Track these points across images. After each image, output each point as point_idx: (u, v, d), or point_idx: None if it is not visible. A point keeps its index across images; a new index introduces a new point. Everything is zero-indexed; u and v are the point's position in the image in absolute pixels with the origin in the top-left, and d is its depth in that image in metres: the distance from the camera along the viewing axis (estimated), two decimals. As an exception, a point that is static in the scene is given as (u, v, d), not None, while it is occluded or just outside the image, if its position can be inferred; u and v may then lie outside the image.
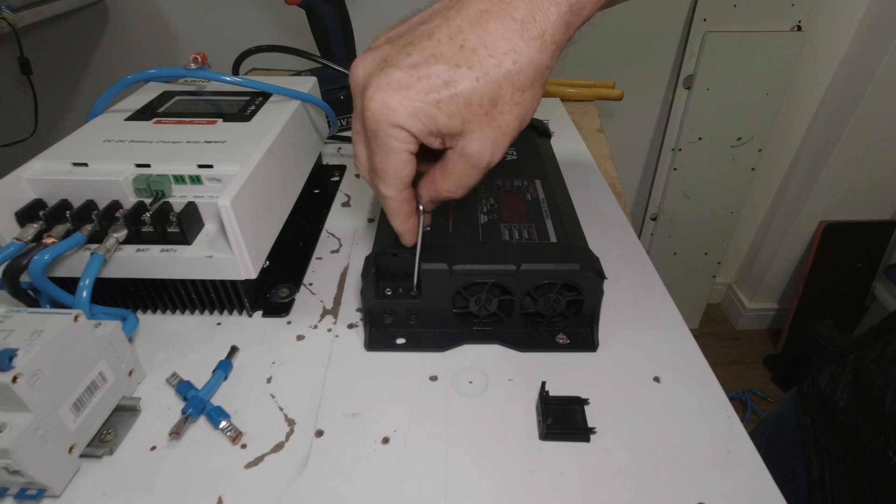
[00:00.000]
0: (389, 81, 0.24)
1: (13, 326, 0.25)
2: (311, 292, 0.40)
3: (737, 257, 1.60)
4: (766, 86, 1.17)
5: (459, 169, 0.27)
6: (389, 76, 0.24)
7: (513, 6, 0.24)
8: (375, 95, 0.24)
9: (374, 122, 0.25)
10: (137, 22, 1.08)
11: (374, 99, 0.25)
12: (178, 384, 0.31)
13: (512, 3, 0.24)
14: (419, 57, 0.24)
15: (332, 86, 0.64)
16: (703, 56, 1.13)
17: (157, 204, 0.34)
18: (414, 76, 0.24)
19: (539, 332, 0.35)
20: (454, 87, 0.24)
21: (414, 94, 0.24)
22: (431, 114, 0.24)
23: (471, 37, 0.24)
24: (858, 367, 0.44)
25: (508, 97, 0.25)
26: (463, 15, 0.24)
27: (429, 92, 0.24)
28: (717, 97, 1.18)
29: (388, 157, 0.26)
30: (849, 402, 0.43)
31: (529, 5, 0.24)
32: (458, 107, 0.24)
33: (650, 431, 0.30)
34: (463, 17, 0.24)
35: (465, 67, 0.24)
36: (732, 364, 1.52)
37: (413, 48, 0.25)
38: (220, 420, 0.29)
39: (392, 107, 0.24)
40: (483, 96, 0.24)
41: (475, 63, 0.24)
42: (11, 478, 0.24)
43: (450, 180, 0.28)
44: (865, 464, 0.41)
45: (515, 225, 0.37)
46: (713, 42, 1.12)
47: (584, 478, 0.27)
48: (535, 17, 0.24)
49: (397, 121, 0.25)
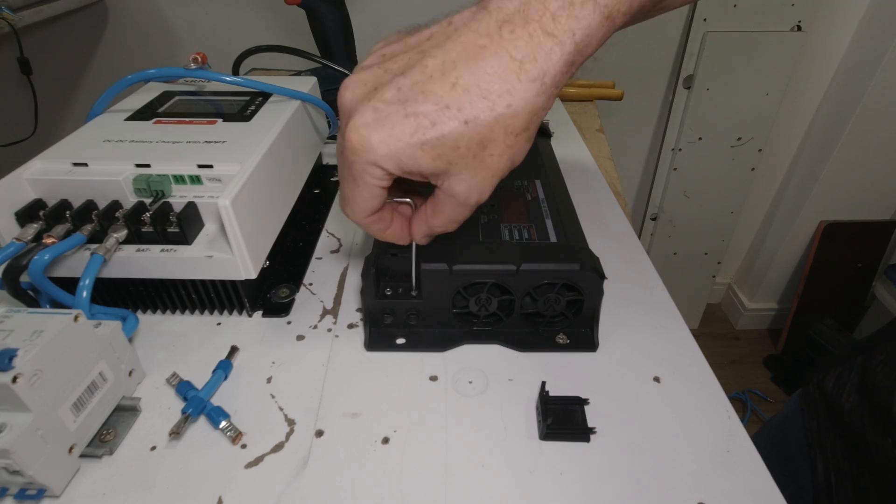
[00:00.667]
0: (375, 117, 0.23)
1: (13, 326, 0.25)
2: (311, 292, 0.40)
3: (737, 257, 1.60)
4: (766, 86, 1.17)
5: (448, 207, 0.26)
6: (376, 110, 0.23)
7: (512, 44, 0.22)
8: (359, 129, 0.23)
9: (351, 154, 0.24)
10: (137, 22, 1.08)
11: (356, 132, 0.23)
12: (178, 384, 0.31)
13: (511, 41, 0.22)
14: (408, 91, 0.23)
15: (332, 86, 0.64)
16: (703, 56, 1.13)
17: (157, 204, 0.34)
18: (400, 113, 0.23)
19: (539, 332, 0.35)
20: (441, 129, 0.23)
21: (398, 133, 0.23)
22: (415, 155, 0.23)
23: (465, 74, 0.22)
24: (865, 370, 0.43)
25: (500, 140, 0.23)
26: (460, 48, 0.23)
27: (414, 132, 0.23)
28: (717, 97, 1.18)
29: (359, 190, 0.25)
30: (855, 405, 0.43)
31: (530, 44, 0.22)
32: (445, 149, 0.23)
33: (650, 431, 0.30)
34: (459, 51, 0.23)
35: (454, 109, 0.22)
36: (732, 364, 1.52)
37: (404, 80, 0.23)
38: (220, 420, 0.29)
39: (373, 145, 0.23)
40: (471, 140, 0.23)
41: (465, 105, 0.22)
42: (11, 478, 0.24)
43: (440, 217, 0.27)
44: (871, 466, 0.40)
45: (515, 225, 0.37)
46: (713, 42, 1.12)
47: (584, 478, 0.27)
48: (537, 57, 0.22)
49: (375, 160, 0.24)
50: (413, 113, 0.23)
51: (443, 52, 0.23)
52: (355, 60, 0.71)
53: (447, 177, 0.24)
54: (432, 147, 0.23)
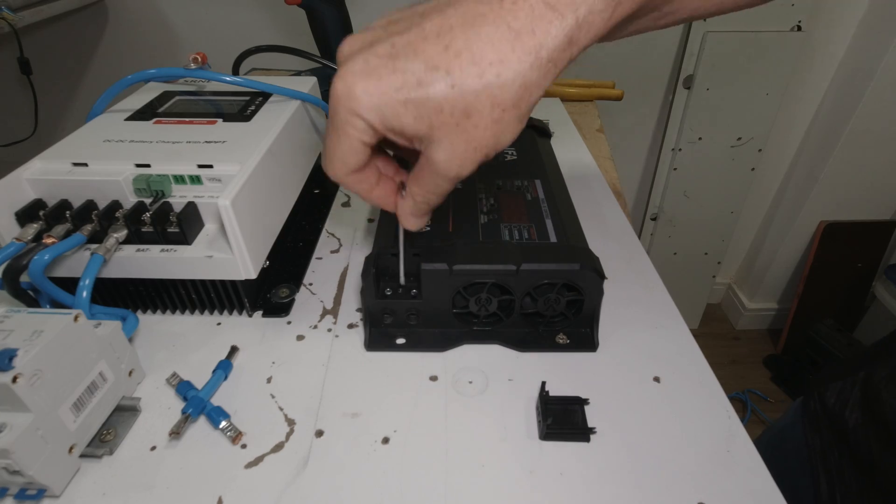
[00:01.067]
0: (364, 67, 0.23)
1: (13, 326, 0.25)
2: (311, 292, 0.40)
3: (737, 257, 1.60)
4: (766, 86, 1.17)
5: (427, 175, 0.26)
6: (366, 62, 0.23)
7: (512, 14, 0.22)
8: (345, 77, 0.23)
9: (335, 101, 0.24)
10: (137, 22, 1.08)
11: (341, 80, 0.23)
12: (178, 384, 0.31)
13: (512, 11, 0.22)
14: (401, 48, 0.23)
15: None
16: (703, 56, 1.13)
17: (157, 204, 0.34)
18: (389, 67, 0.23)
19: (539, 332, 0.35)
20: (426, 90, 0.22)
21: (383, 86, 0.23)
22: (398, 112, 0.23)
23: (459, 38, 0.22)
24: (868, 385, 0.42)
25: (486, 112, 0.23)
26: (460, 14, 0.23)
27: (400, 88, 0.22)
28: (717, 97, 1.18)
29: (339, 141, 0.25)
30: (860, 422, 0.42)
31: (531, 15, 0.22)
32: (427, 110, 0.23)
33: (650, 431, 0.30)
34: (458, 17, 0.23)
35: (443, 71, 0.22)
36: (732, 364, 1.52)
37: (399, 38, 0.23)
38: (220, 420, 0.29)
39: (356, 94, 0.23)
40: (456, 105, 0.22)
41: (454, 68, 0.22)
42: (11, 478, 0.24)
43: (421, 185, 0.26)
44: (879, 486, 0.40)
45: (515, 225, 0.37)
46: (713, 42, 1.12)
47: (584, 478, 0.27)
48: (535, 30, 0.22)
49: (358, 110, 0.23)
50: (401, 69, 0.22)
51: (441, 17, 0.23)
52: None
53: (429, 142, 0.24)
54: (416, 106, 0.23)
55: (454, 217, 0.38)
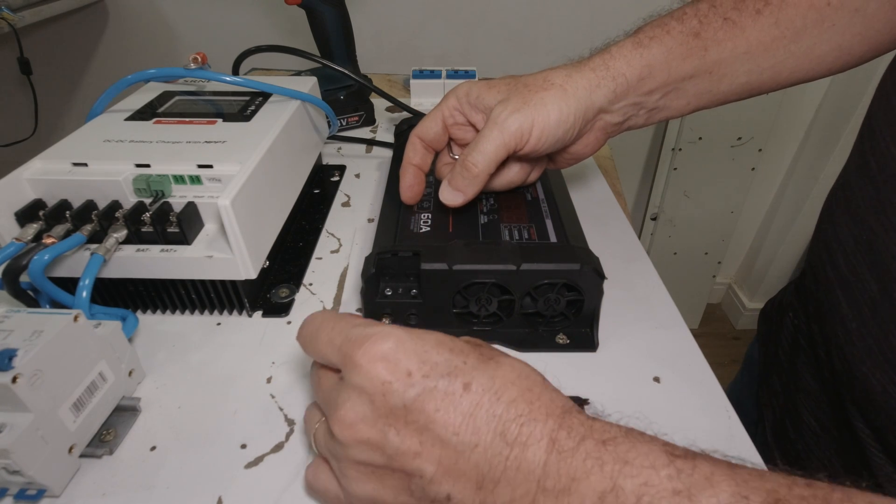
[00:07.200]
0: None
1: (13, 326, 0.25)
2: (311, 292, 0.40)
3: (737, 257, 1.60)
4: (766, 86, 1.17)
5: None
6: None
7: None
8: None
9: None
10: (137, 22, 1.08)
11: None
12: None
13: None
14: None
15: (332, 86, 0.64)
16: (703, 56, 1.13)
17: (156, 204, 0.34)
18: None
19: (539, 332, 0.35)
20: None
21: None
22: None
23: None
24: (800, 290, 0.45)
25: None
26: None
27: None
28: (717, 97, 1.18)
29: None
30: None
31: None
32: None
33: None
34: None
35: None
36: (732, 364, 1.52)
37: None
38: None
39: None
40: None
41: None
42: (11, 478, 0.24)
43: None
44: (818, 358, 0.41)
45: (515, 225, 0.37)
46: (713, 42, 1.11)
47: (584, 478, 0.27)
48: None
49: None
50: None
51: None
52: (355, 60, 0.70)
53: None
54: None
55: (454, 217, 0.38)
